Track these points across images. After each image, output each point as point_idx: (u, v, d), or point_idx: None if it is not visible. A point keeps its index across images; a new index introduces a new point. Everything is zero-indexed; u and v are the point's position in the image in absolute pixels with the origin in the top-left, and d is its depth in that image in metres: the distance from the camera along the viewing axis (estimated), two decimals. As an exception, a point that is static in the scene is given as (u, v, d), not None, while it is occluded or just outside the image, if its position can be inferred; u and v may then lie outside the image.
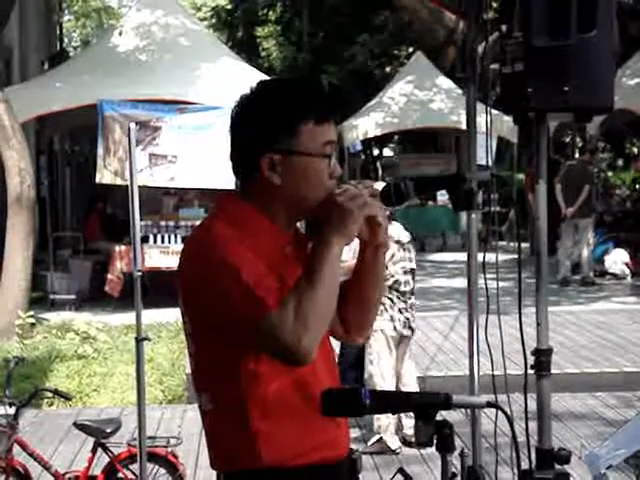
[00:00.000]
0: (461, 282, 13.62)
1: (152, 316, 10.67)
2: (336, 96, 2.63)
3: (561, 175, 15.09)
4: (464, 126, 3.97)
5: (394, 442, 6.89)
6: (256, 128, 2.50)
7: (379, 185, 2.67)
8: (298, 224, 2.65)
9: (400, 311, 6.83)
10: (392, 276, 6.72)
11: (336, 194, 2.45)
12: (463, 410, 6.66)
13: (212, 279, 2.40)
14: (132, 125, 5.38)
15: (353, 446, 2.69)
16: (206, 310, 2.44)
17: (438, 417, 2.37)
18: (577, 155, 18.77)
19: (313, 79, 2.74)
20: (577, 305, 13.15)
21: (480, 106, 3.74)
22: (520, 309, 3.47)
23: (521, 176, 20.10)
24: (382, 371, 6.88)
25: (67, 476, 5.75)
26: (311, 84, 2.61)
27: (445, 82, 20.24)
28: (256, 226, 2.50)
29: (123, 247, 12.71)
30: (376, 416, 6.73)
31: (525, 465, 3.16)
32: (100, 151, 12.08)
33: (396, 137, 27.12)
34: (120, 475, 5.65)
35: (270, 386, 2.45)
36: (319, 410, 2.36)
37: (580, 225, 14.88)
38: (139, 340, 5.22)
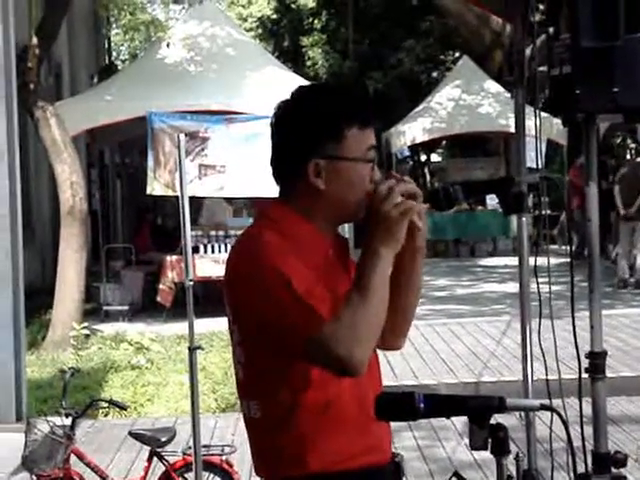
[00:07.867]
0: (512, 287, 13.51)
1: (204, 325, 10.72)
2: (376, 101, 2.64)
3: (619, 176, 15.03)
4: (513, 130, 3.96)
5: None
6: (302, 134, 2.50)
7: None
8: (344, 228, 2.66)
9: None
10: None
11: (379, 200, 2.41)
12: (518, 415, 6.61)
13: (263, 288, 2.40)
14: (181, 136, 5.42)
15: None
16: (257, 319, 2.44)
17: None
18: (628, 156, 18.56)
19: (353, 85, 2.72)
20: (632, 308, 12.99)
21: (529, 109, 3.72)
22: (573, 312, 3.44)
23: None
24: None
25: (124, 485, 5.80)
26: (353, 89, 2.62)
27: (493, 86, 20.13)
28: (300, 231, 2.51)
29: (174, 257, 12.79)
30: None
31: (581, 469, 3.14)
32: (150, 163, 12.19)
33: (444, 142, 27.00)
34: (176, 484, 5.69)
35: (319, 392, 2.45)
36: (369, 414, 2.36)
37: (637, 227, 14.74)
38: (192, 349, 5.25)
